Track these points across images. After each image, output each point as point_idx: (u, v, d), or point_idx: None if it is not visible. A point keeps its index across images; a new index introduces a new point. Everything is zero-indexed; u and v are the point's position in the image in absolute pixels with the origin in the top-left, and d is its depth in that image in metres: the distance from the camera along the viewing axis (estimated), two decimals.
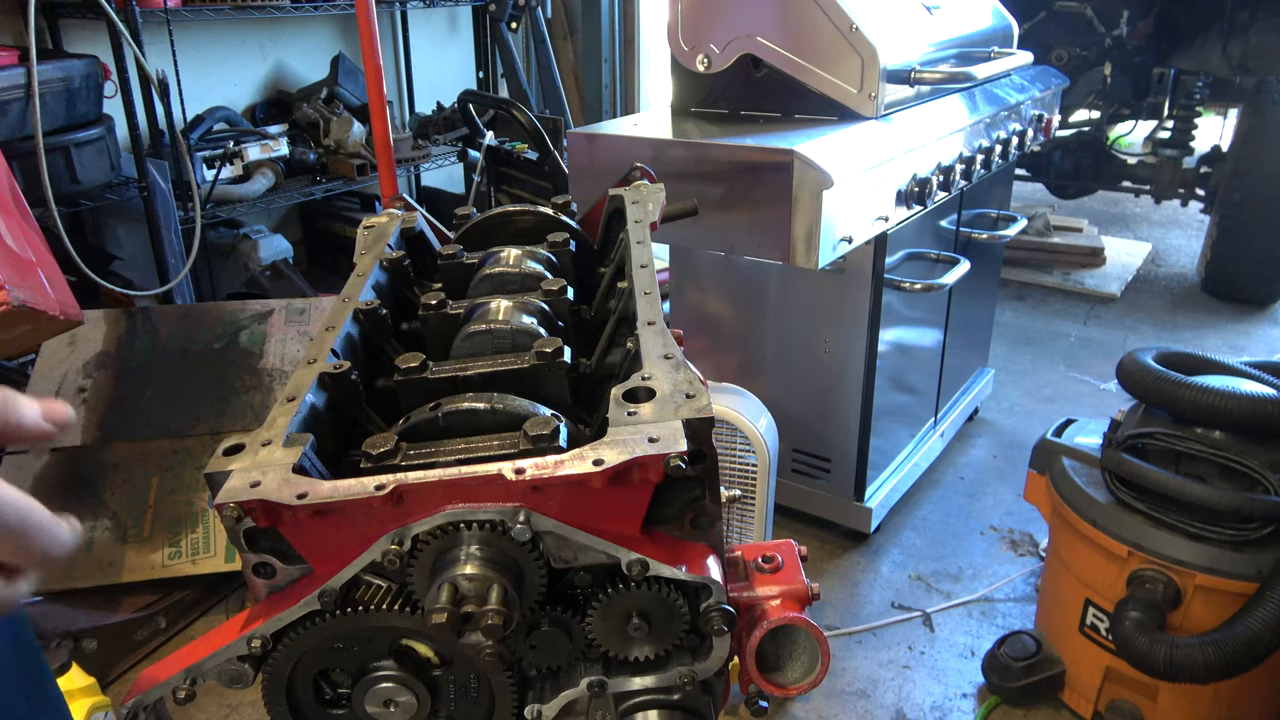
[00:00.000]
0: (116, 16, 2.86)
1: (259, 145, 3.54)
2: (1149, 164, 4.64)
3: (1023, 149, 2.69)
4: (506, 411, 0.75)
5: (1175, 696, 1.81)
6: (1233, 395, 1.67)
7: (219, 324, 2.62)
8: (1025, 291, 4.60)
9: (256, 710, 2.08)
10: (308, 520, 0.65)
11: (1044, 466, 2.03)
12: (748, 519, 2.04)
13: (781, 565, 0.86)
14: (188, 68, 3.51)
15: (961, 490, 2.88)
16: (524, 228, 1.15)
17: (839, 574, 2.49)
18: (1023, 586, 2.45)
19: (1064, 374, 3.69)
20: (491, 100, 4.02)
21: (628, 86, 5.76)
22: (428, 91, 4.85)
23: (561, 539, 0.67)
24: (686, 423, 0.68)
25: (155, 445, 2.40)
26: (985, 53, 2.56)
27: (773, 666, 0.84)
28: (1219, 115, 5.40)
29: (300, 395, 0.78)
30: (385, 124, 2.73)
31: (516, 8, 4.79)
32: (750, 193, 1.87)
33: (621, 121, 2.25)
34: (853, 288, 2.28)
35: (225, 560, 2.27)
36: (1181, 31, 4.22)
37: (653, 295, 0.90)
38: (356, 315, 0.95)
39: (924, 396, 2.79)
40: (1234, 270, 4.30)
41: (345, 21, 4.37)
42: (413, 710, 0.73)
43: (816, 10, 2.03)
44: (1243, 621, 1.60)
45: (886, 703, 2.07)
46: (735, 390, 2.02)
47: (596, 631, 0.71)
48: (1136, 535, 1.75)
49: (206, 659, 0.69)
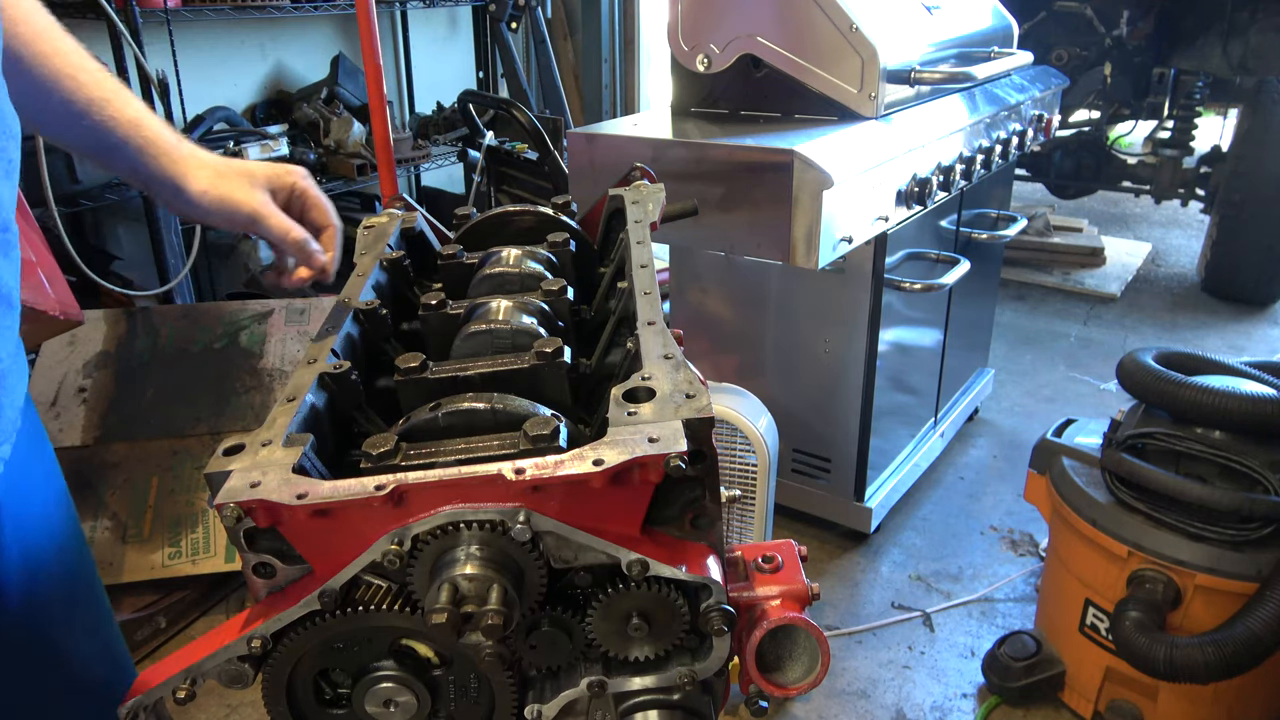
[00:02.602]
0: (116, 16, 2.86)
1: (259, 145, 3.53)
2: (1149, 164, 4.64)
3: (1023, 149, 2.69)
4: (506, 411, 0.75)
5: (1175, 696, 1.81)
6: (1233, 395, 1.67)
7: (219, 324, 2.62)
8: (1025, 291, 4.60)
9: (256, 710, 2.08)
10: (308, 520, 0.65)
11: (1044, 466, 2.03)
12: (748, 519, 2.04)
13: (781, 565, 0.86)
14: (188, 68, 3.51)
15: (961, 490, 2.88)
16: (524, 228, 1.15)
17: (839, 574, 2.49)
18: (1023, 586, 2.45)
19: (1064, 374, 3.69)
20: (491, 100, 4.02)
21: (628, 86, 5.76)
22: (428, 91, 4.85)
23: (561, 539, 0.67)
24: (686, 423, 0.67)
25: (155, 445, 2.40)
26: (985, 53, 2.56)
27: (773, 666, 0.84)
28: (1219, 115, 5.40)
29: (300, 395, 0.78)
30: (385, 124, 2.73)
31: (516, 8, 4.79)
32: (750, 193, 1.87)
33: (621, 121, 2.25)
34: (853, 288, 2.28)
35: (225, 560, 2.27)
36: (1181, 31, 4.22)
37: (653, 295, 0.90)
38: (356, 315, 0.95)
39: (924, 396, 2.79)
40: (1234, 270, 4.29)
41: (345, 21, 4.37)
42: (413, 710, 0.73)
43: (816, 10, 2.03)
44: (1243, 621, 1.60)
45: (886, 703, 2.07)
46: (735, 390, 2.02)
47: (596, 631, 0.71)
48: (1136, 535, 1.75)
49: (206, 659, 0.69)
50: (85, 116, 0.87)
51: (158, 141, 0.91)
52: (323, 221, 0.98)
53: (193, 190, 0.91)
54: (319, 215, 0.98)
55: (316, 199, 0.98)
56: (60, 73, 0.86)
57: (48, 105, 0.86)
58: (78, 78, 0.87)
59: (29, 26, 0.84)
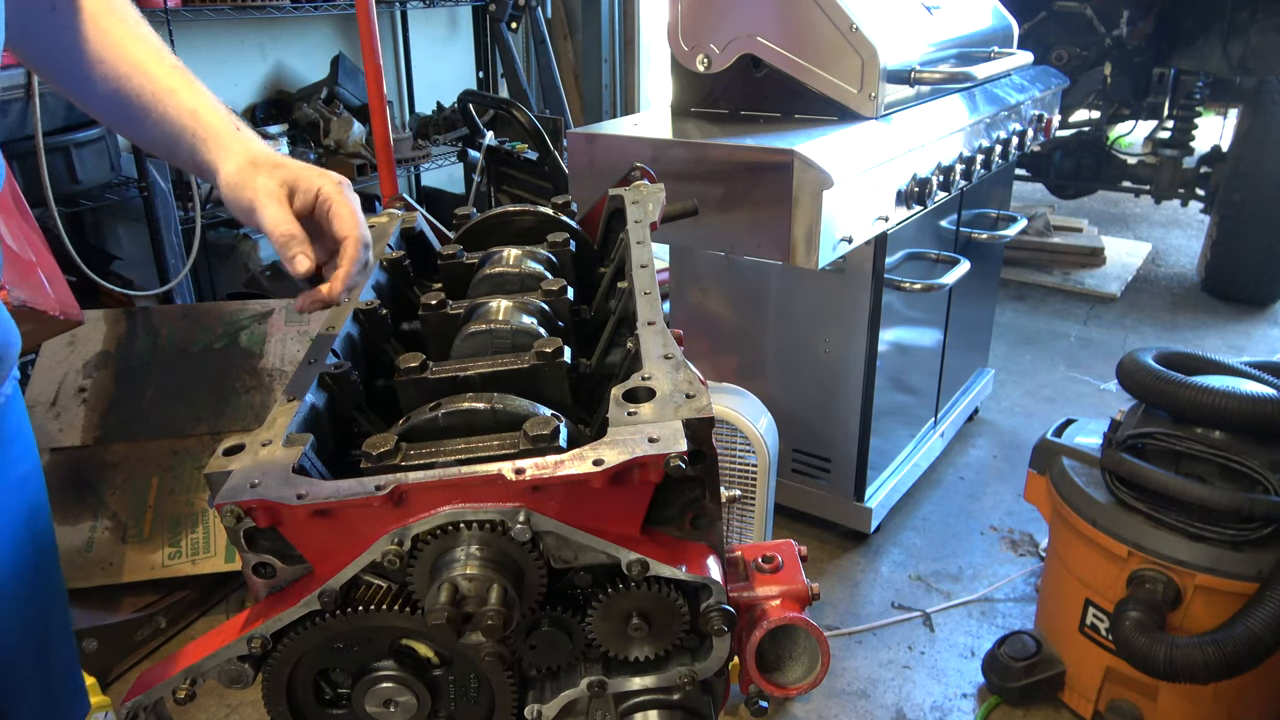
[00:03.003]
0: None
1: None
2: (1149, 164, 4.64)
3: (1023, 149, 2.69)
4: (506, 411, 0.75)
5: (1175, 696, 1.81)
6: (1233, 395, 1.67)
7: (219, 324, 2.62)
8: (1025, 291, 4.60)
9: (256, 710, 2.08)
10: (308, 520, 0.65)
11: (1044, 466, 2.03)
12: (748, 519, 2.04)
13: (781, 565, 0.86)
14: (188, 68, 3.51)
15: (961, 490, 2.88)
16: (524, 228, 1.15)
17: (839, 574, 2.49)
18: (1023, 586, 2.44)
19: (1064, 374, 3.69)
20: (491, 100, 4.02)
21: (628, 86, 5.76)
22: (428, 91, 4.85)
23: (561, 539, 0.67)
24: (686, 423, 0.68)
25: (155, 445, 2.40)
26: (985, 53, 2.56)
27: (773, 666, 0.84)
28: (1219, 115, 5.40)
29: (300, 395, 0.78)
30: (385, 124, 2.73)
31: (516, 8, 4.79)
32: (750, 193, 1.87)
33: (621, 121, 2.25)
34: (853, 288, 2.28)
35: (225, 560, 2.27)
36: (1181, 31, 4.22)
37: (653, 295, 0.90)
38: (356, 315, 0.95)
39: (924, 396, 2.79)
40: (1234, 270, 4.29)
41: (345, 21, 4.37)
42: (413, 710, 0.73)
43: (816, 10, 2.03)
44: (1243, 621, 1.60)
45: (886, 703, 2.07)
46: (735, 390, 2.02)
47: (596, 631, 0.71)
48: (1136, 535, 1.75)
49: (206, 659, 0.69)
50: (152, 110, 0.88)
51: (210, 127, 0.90)
52: (343, 231, 0.89)
53: (220, 177, 0.89)
54: (340, 225, 0.89)
55: (341, 207, 0.89)
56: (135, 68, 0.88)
57: (117, 101, 0.88)
58: (151, 72, 0.89)
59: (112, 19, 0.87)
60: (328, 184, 0.89)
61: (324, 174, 0.91)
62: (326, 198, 0.89)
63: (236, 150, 0.89)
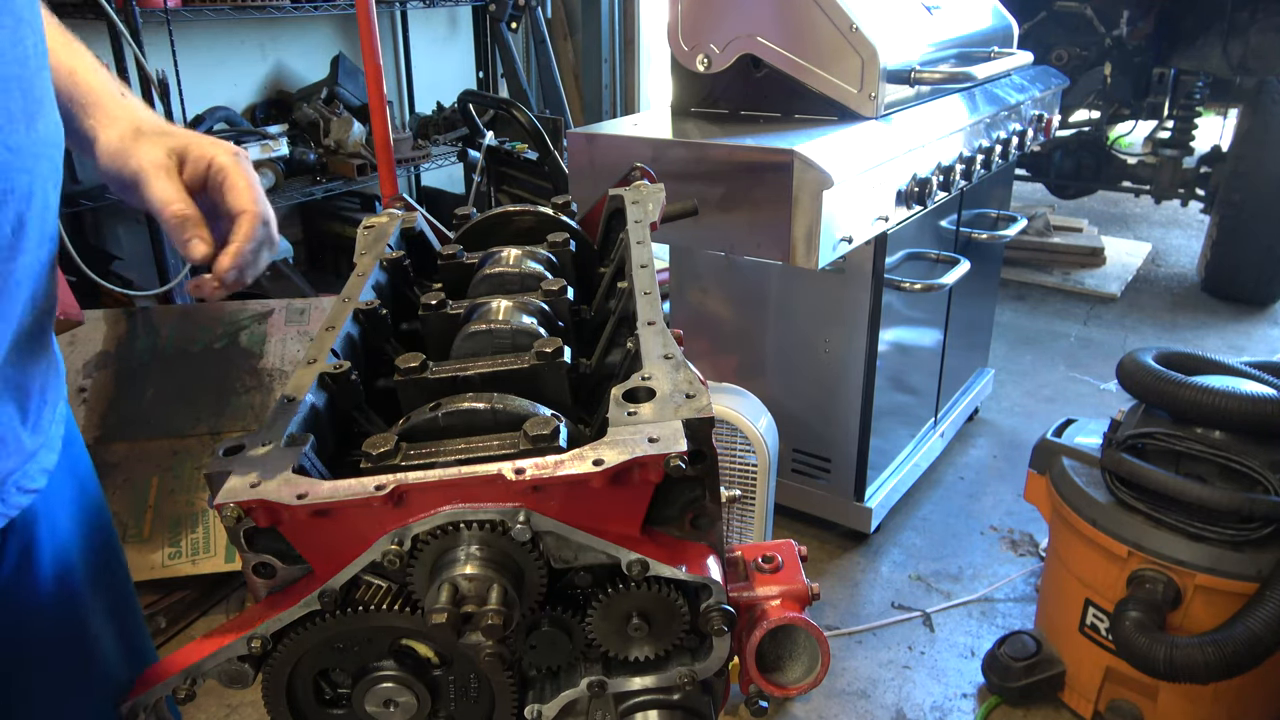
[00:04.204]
0: (116, 16, 2.85)
1: (259, 145, 3.53)
2: (1149, 164, 4.64)
3: (1023, 149, 2.69)
4: (506, 411, 0.75)
5: (1175, 696, 1.81)
6: (1233, 395, 1.67)
7: (219, 324, 2.62)
8: (1025, 291, 4.60)
9: (256, 710, 2.08)
10: (308, 520, 0.65)
11: (1044, 466, 2.03)
12: (748, 519, 2.04)
13: (781, 565, 0.86)
14: (188, 68, 3.51)
15: (961, 490, 2.88)
16: (524, 228, 1.15)
17: (839, 574, 2.49)
18: (1023, 586, 2.45)
19: (1064, 374, 3.69)
20: (491, 100, 4.02)
21: (628, 86, 5.76)
22: (428, 91, 4.85)
23: (561, 539, 0.67)
24: (686, 423, 0.67)
25: (155, 445, 2.40)
26: (985, 53, 2.56)
27: (773, 666, 0.84)
28: (1219, 115, 5.40)
29: (300, 395, 0.78)
30: (385, 124, 2.73)
31: (516, 8, 4.79)
32: (750, 193, 1.87)
33: (621, 121, 2.25)
34: (853, 288, 2.28)
35: (225, 560, 2.27)
36: (1181, 31, 4.23)
37: (653, 295, 0.89)
38: (356, 315, 0.95)
39: (924, 396, 2.79)
40: (1234, 270, 4.30)
41: (345, 21, 4.37)
42: (413, 710, 0.73)
43: (816, 10, 2.03)
44: (1243, 621, 1.60)
45: (886, 703, 2.07)
46: (735, 390, 2.02)
47: (596, 631, 0.71)
48: (1136, 535, 1.75)
49: (206, 659, 0.69)
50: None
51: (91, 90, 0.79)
52: (239, 205, 0.79)
53: (99, 145, 0.78)
54: (236, 198, 0.79)
55: (237, 180, 0.79)
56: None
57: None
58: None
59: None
60: (221, 154, 0.80)
61: (216, 143, 0.82)
62: (221, 168, 0.80)
63: (119, 116, 0.80)
